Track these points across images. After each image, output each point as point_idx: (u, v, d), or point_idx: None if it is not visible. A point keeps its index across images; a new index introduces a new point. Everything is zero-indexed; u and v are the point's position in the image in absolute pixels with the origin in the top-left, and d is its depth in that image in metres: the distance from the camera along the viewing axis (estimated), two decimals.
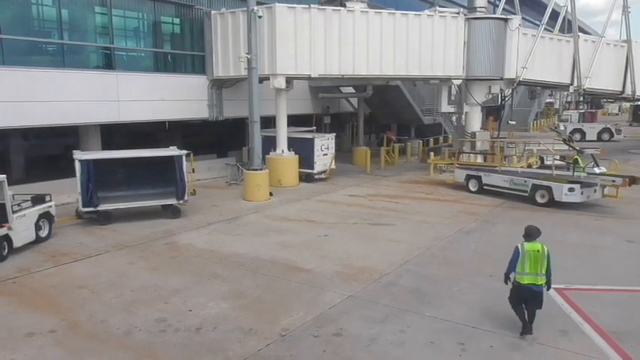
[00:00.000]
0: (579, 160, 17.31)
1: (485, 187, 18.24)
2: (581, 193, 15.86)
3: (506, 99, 25.71)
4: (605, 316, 8.28)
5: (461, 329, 7.89)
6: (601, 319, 8.16)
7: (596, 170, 17.02)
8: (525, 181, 17.00)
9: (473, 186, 18.65)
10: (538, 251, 7.53)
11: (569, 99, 58.92)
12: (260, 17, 17.54)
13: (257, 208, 16.31)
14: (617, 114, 74.19)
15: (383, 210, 16.04)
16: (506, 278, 7.79)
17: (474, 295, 9.28)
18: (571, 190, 15.84)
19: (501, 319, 8.20)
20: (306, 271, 10.45)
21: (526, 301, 7.60)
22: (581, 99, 43.26)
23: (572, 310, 8.57)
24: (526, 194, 16.87)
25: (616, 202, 16.76)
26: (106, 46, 18.13)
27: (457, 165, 20.16)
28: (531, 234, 7.71)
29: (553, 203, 16.21)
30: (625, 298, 9.30)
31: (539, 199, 16.54)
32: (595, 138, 38.33)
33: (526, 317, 7.62)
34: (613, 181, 15.91)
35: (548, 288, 7.73)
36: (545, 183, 16.54)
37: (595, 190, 16.15)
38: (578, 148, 18.14)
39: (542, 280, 7.55)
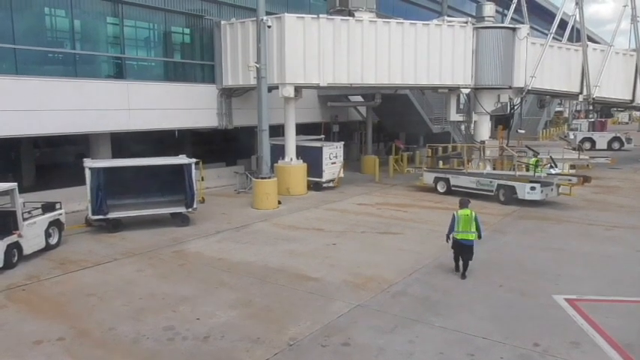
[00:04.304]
0: (538, 162, 18.96)
1: (453, 189, 19.54)
2: (541, 192, 17.37)
3: (516, 108, 25.60)
4: (617, 328, 8.16)
5: (470, 340, 7.80)
6: (613, 331, 8.04)
7: (552, 171, 18.64)
8: (491, 182, 18.62)
9: (441, 187, 20.12)
10: (467, 215, 10.38)
11: (578, 108, 58.62)
12: (269, 27, 17.65)
13: (265, 216, 16.32)
14: (627, 123, 73.66)
15: (391, 219, 15.99)
16: (447, 237, 10.65)
17: (484, 305, 9.19)
18: (532, 188, 17.39)
19: (512, 329, 8.12)
20: (314, 280, 10.41)
21: (461, 251, 10.48)
22: (591, 108, 43.04)
23: (584, 321, 8.45)
24: (492, 193, 18.44)
25: (622, 211, 16.72)
26: (117, 56, 18.32)
27: (425, 169, 21.49)
28: (463, 204, 10.67)
29: (517, 201, 17.67)
30: (637, 309, 9.17)
31: (500, 197, 18.16)
32: (605, 147, 38.05)
33: (461, 265, 10.57)
34: (569, 180, 18.00)
35: (479, 237, 10.58)
36: (509, 183, 18.14)
37: (552, 189, 17.81)
38: (535, 150, 20.68)
39: (472, 236, 10.38)
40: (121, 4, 17.85)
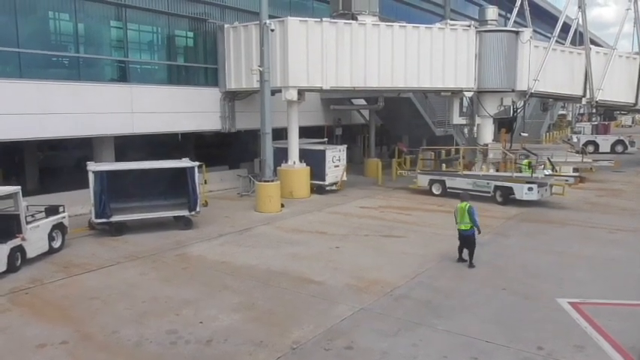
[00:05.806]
0: (530, 163, 19.35)
1: (449, 190, 19.74)
2: (538, 192, 17.86)
3: (519, 111, 25.58)
4: (621, 331, 8.13)
5: (474, 343, 7.78)
6: (617, 334, 8.01)
7: (546, 172, 19.14)
8: (488, 183, 19.00)
9: (436, 189, 20.40)
10: (462, 208, 11.42)
11: (581, 111, 58.46)
12: (272, 30, 17.68)
13: (268, 219, 16.32)
14: (630, 126, 73.38)
15: (394, 222, 15.97)
16: (456, 225, 11.65)
17: (487, 308, 9.17)
18: (530, 189, 17.85)
19: (515, 332, 8.10)
20: (317, 283, 10.40)
21: (463, 242, 11.53)
22: (594, 111, 42.92)
23: (587, 324, 8.42)
24: (489, 194, 18.73)
25: (625, 214, 16.76)
26: (120, 59, 18.40)
27: (419, 171, 21.65)
28: (462, 197, 11.81)
29: (515, 202, 18.03)
30: None
31: (498, 198, 18.49)
32: (608, 150, 37.92)
33: (467, 256, 11.52)
34: (566, 180, 19.17)
35: (479, 232, 11.54)
36: (506, 184, 18.52)
37: (546, 190, 18.37)
38: (533, 152, 21.04)
39: (465, 226, 11.35)
40: (125, 8, 17.92)
